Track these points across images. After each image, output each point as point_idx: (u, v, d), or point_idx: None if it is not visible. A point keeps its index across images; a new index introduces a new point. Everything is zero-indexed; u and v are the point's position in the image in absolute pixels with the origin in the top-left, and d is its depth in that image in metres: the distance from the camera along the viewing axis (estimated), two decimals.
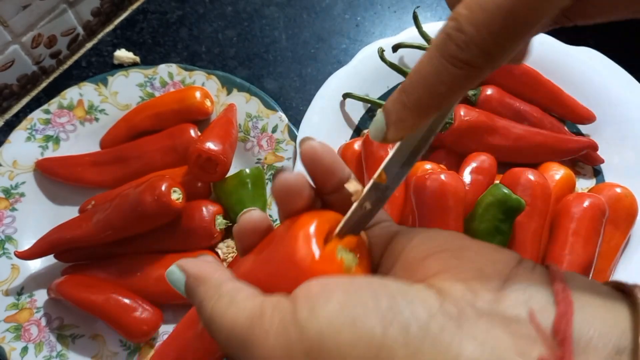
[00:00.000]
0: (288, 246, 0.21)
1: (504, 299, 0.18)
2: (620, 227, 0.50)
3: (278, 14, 0.71)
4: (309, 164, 0.23)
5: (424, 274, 0.19)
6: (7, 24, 0.59)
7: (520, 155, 0.55)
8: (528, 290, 0.18)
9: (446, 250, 0.20)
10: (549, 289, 0.18)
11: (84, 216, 0.53)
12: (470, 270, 0.19)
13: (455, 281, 0.18)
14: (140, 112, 0.60)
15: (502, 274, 0.18)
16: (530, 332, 0.16)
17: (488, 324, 0.17)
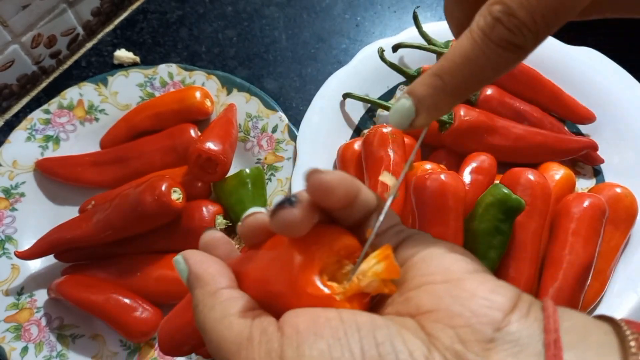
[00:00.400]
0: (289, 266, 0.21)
1: (494, 353, 0.17)
2: (620, 227, 0.50)
3: (278, 14, 0.71)
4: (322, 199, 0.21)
5: (416, 307, 0.19)
6: (7, 24, 0.59)
7: (520, 155, 0.55)
8: (519, 344, 0.17)
9: (443, 282, 0.19)
10: (541, 341, 0.17)
11: (84, 216, 0.53)
12: (462, 316, 0.18)
13: (445, 326, 0.18)
14: (140, 112, 0.60)
15: (496, 321, 0.18)
16: None
17: None
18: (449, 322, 0.18)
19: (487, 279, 0.19)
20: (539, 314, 0.18)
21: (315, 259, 0.21)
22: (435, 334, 0.18)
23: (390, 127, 0.52)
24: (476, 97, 0.56)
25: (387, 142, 0.52)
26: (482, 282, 0.19)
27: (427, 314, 0.19)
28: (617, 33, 0.66)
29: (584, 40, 0.63)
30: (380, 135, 0.52)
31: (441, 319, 0.18)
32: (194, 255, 0.24)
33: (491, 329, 0.18)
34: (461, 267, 0.20)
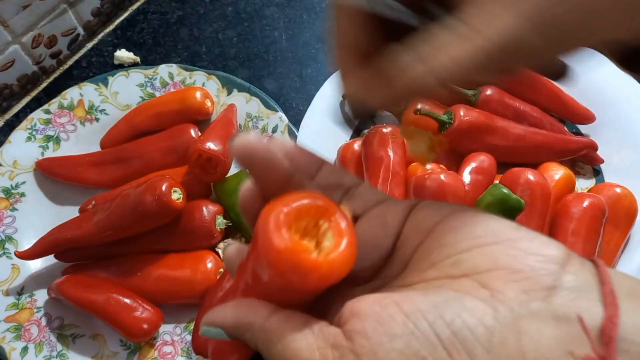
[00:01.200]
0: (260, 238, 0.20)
1: (555, 299, 0.18)
2: (620, 227, 0.51)
3: (278, 15, 0.71)
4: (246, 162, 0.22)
5: (471, 268, 0.19)
6: (7, 24, 0.59)
7: (519, 155, 0.55)
8: (577, 290, 0.18)
9: (494, 243, 0.20)
10: (597, 289, 0.18)
11: (84, 216, 0.53)
12: (523, 271, 0.19)
13: (508, 281, 0.19)
14: (140, 112, 0.60)
15: (554, 272, 0.19)
16: (579, 332, 0.18)
17: (542, 325, 0.18)
18: (510, 277, 0.19)
19: (534, 235, 0.20)
20: (592, 268, 0.19)
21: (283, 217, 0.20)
22: (499, 289, 0.18)
23: (390, 128, 0.52)
24: (476, 97, 0.56)
25: (387, 142, 0.52)
26: (532, 239, 0.20)
27: (485, 273, 0.19)
28: None
29: None
30: (380, 135, 0.52)
31: (501, 276, 0.19)
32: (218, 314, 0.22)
33: (551, 279, 0.18)
34: (505, 226, 0.20)
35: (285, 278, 0.20)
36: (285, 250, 0.19)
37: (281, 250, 0.19)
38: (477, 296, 0.19)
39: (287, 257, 0.19)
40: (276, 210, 0.20)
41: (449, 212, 0.21)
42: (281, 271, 0.20)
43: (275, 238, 0.20)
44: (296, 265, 0.19)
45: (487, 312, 0.18)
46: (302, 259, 0.19)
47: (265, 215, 0.20)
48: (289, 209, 0.20)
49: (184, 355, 0.50)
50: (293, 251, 0.19)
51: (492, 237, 0.20)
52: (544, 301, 0.18)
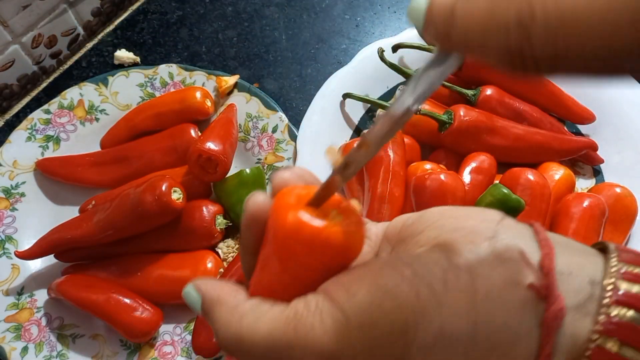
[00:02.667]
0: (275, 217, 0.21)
1: (498, 244, 0.21)
2: (620, 227, 0.51)
3: (278, 15, 0.71)
4: None
5: (424, 241, 0.22)
6: (7, 24, 0.59)
7: (519, 155, 0.55)
8: (516, 236, 0.21)
9: (440, 219, 0.22)
10: (533, 237, 0.21)
11: (84, 216, 0.53)
12: (465, 228, 0.21)
13: (455, 238, 0.21)
14: (140, 112, 0.60)
15: (491, 227, 0.21)
16: (522, 267, 0.20)
17: (489, 265, 0.20)
18: (455, 235, 0.21)
19: (474, 207, 0.23)
20: (526, 225, 0.22)
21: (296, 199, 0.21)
22: (448, 243, 0.21)
23: None
24: (476, 97, 0.56)
25: None
26: (471, 209, 0.23)
27: (435, 238, 0.21)
28: None
29: None
30: None
31: (449, 236, 0.21)
32: (205, 282, 0.23)
33: (490, 232, 0.21)
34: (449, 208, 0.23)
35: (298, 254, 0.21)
36: (300, 222, 0.20)
37: (296, 222, 0.20)
38: (432, 251, 0.21)
39: (302, 228, 0.20)
40: (293, 192, 0.22)
41: (405, 217, 0.24)
42: (293, 243, 0.20)
43: (291, 213, 0.21)
44: (309, 237, 0.20)
45: (441, 257, 0.20)
46: (315, 229, 0.20)
47: (282, 195, 0.22)
48: (304, 192, 0.22)
49: (184, 355, 0.50)
50: (306, 224, 0.20)
51: (439, 216, 0.23)
52: (488, 247, 0.20)
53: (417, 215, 0.24)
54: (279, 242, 0.21)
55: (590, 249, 0.22)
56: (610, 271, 0.20)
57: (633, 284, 0.19)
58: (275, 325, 0.20)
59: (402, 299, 0.19)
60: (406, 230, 0.23)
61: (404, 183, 0.51)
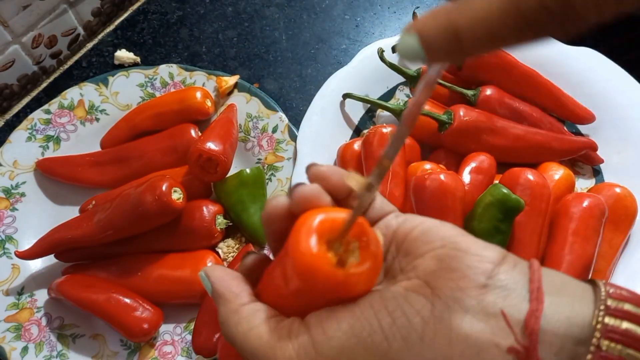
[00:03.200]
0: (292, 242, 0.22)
1: (487, 296, 0.20)
2: (619, 227, 0.51)
3: (278, 15, 0.71)
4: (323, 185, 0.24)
5: (423, 271, 0.22)
6: (8, 24, 0.59)
7: (519, 155, 0.55)
8: (507, 289, 0.21)
9: (442, 247, 0.22)
10: (526, 288, 0.21)
11: (84, 216, 0.53)
12: (459, 270, 0.21)
13: (447, 280, 0.21)
14: (140, 112, 0.60)
15: (487, 271, 0.21)
16: (506, 327, 0.20)
17: (472, 320, 0.20)
18: (449, 276, 0.21)
19: (476, 241, 0.23)
20: (525, 268, 0.22)
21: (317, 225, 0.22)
22: (438, 287, 0.21)
23: (389, 128, 0.53)
24: (475, 97, 0.56)
25: (386, 142, 0.52)
26: (474, 242, 0.22)
27: (431, 273, 0.22)
28: (616, 33, 0.66)
29: (583, 40, 0.63)
30: (380, 135, 0.52)
31: (443, 275, 0.21)
32: (215, 271, 0.25)
33: (484, 277, 0.21)
34: (454, 232, 0.23)
35: (304, 282, 0.22)
36: (310, 255, 0.21)
37: (306, 254, 0.21)
38: (421, 293, 0.21)
39: (310, 262, 0.21)
40: (312, 218, 0.22)
41: (419, 224, 0.24)
42: (301, 274, 0.21)
43: (304, 242, 0.21)
44: (315, 271, 0.21)
45: (425, 306, 0.20)
46: (323, 266, 0.21)
47: (302, 221, 0.22)
48: (325, 219, 0.22)
49: (184, 355, 0.51)
50: (316, 258, 0.21)
51: (441, 241, 0.22)
52: (476, 298, 0.20)
53: (422, 229, 0.23)
54: (294, 268, 0.22)
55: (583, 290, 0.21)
56: (596, 328, 0.19)
57: (616, 343, 0.19)
58: (261, 343, 0.22)
59: (373, 350, 0.20)
60: (410, 244, 0.23)
61: (403, 183, 0.51)
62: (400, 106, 0.57)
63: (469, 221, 0.47)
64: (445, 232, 0.23)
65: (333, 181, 0.24)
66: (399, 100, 0.61)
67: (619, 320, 0.19)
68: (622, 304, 0.20)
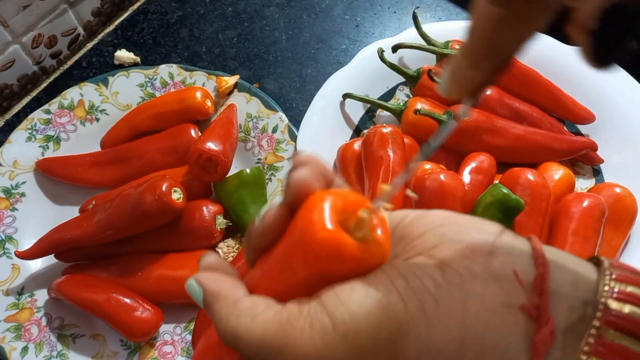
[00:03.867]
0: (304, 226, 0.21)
1: (494, 261, 0.21)
2: (620, 227, 0.51)
3: (278, 15, 0.71)
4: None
5: (424, 247, 0.22)
6: (8, 24, 0.59)
7: (519, 155, 0.55)
8: (512, 254, 0.21)
9: (441, 225, 0.23)
10: (529, 253, 0.21)
11: (84, 216, 0.53)
12: (463, 241, 0.21)
13: (453, 251, 0.21)
14: (140, 112, 0.60)
15: (490, 240, 0.21)
16: (516, 287, 0.20)
17: (483, 283, 0.20)
18: (454, 247, 0.21)
19: (474, 217, 0.23)
20: (525, 240, 0.22)
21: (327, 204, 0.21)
22: (445, 257, 0.21)
23: (390, 128, 0.53)
24: None
25: (386, 142, 0.52)
26: (471, 219, 0.23)
27: (433, 248, 0.22)
28: None
29: None
30: (380, 135, 0.52)
31: (447, 247, 0.21)
32: (206, 275, 0.24)
33: (489, 246, 0.21)
34: (450, 213, 0.24)
35: (324, 263, 0.21)
36: (330, 232, 0.20)
37: (327, 233, 0.20)
38: (429, 262, 0.21)
39: (332, 238, 0.20)
40: (322, 199, 0.21)
41: (405, 214, 0.24)
42: (321, 254, 0.21)
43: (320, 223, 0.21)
44: (338, 248, 0.20)
45: (436, 271, 0.21)
46: (345, 242, 0.20)
47: (312, 204, 0.21)
48: (335, 199, 0.22)
49: (184, 355, 0.51)
50: (336, 234, 0.20)
51: (440, 220, 0.23)
52: (484, 265, 0.21)
53: (415, 215, 0.24)
54: (311, 252, 0.21)
55: (585, 263, 0.22)
56: (603, 290, 0.20)
57: (624, 304, 0.19)
58: (269, 327, 0.21)
59: (390, 311, 0.20)
60: (404, 230, 0.23)
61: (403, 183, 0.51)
62: (400, 106, 0.57)
63: None
64: (441, 213, 0.23)
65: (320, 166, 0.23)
66: (399, 100, 0.61)
67: (624, 284, 0.20)
68: (626, 272, 0.21)
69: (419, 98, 0.57)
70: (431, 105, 0.57)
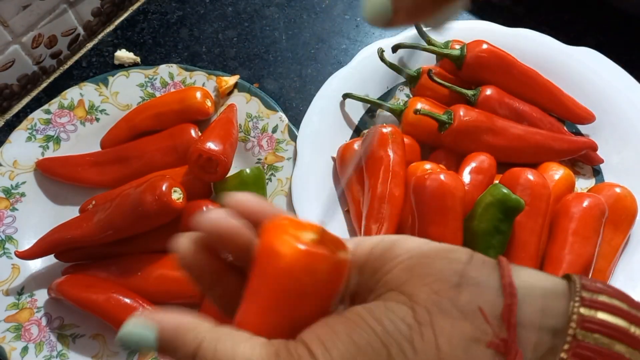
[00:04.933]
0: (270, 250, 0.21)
1: (462, 295, 0.21)
2: (620, 227, 0.51)
3: (278, 15, 0.71)
4: None
5: (394, 283, 0.22)
6: (8, 24, 0.59)
7: (519, 155, 0.55)
8: (480, 284, 0.21)
9: (409, 258, 0.22)
10: (498, 282, 0.21)
11: (84, 216, 0.53)
12: (431, 274, 0.21)
13: (421, 285, 0.21)
14: (140, 112, 0.60)
15: (458, 270, 0.21)
16: (483, 323, 0.20)
17: (452, 320, 0.20)
18: (422, 281, 0.21)
19: (441, 244, 0.23)
20: (494, 264, 0.22)
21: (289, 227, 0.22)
22: (415, 294, 0.21)
23: (390, 128, 0.53)
24: (475, 97, 0.56)
25: (386, 142, 0.52)
26: (439, 248, 0.23)
27: (403, 284, 0.22)
28: (617, 33, 0.66)
29: (583, 40, 0.63)
30: (380, 135, 0.52)
31: (416, 282, 0.21)
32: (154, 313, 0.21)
33: (456, 277, 0.21)
34: (418, 243, 0.23)
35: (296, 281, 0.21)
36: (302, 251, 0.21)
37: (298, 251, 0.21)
38: (399, 301, 0.21)
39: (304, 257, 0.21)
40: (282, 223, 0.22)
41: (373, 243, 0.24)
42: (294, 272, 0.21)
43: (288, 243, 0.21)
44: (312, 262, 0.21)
45: (408, 313, 0.21)
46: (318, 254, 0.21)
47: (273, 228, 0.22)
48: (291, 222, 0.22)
49: None
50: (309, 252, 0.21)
51: (407, 253, 0.23)
52: (452, 299, 0.21)
53: (384, 246, 0.23)
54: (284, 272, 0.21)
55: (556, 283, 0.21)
56: (572, 318, 0.20)
57: (592, 333, 0.19)
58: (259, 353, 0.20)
59: (374, 357, 0.20)
60: (375, 262, 0.23)
61: (404, 183, 0.51)
62: (400, 106, 0.57)
63: (469, 221, 0.47)
64: (409, 244, 0.23)
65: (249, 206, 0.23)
66: (399, 100, 0.61)
67: (593, 310, 0.20)
68: (597, 295, 0.20)
69: (419, 98, 0.57)
70: (431, 105, 0.57)
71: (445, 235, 0.46)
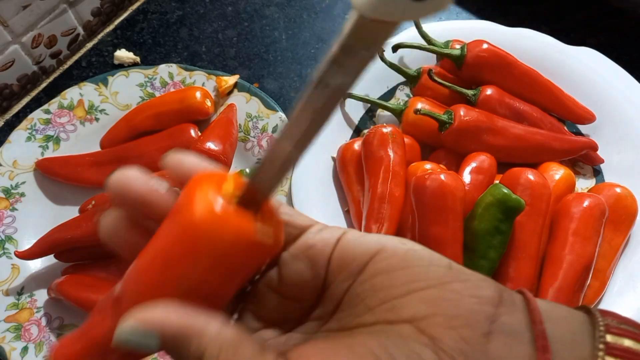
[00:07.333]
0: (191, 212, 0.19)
1: (492, 345, 0.19)
2: (620, 227, 0.51)
3: (278, 14, 0.71)
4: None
5: (410, 314, 0.20)
6: (7, 24, 0.59)
7: (519, 155, 0.55)
8: (511, 334, 0.19)
9: (430, 287, 0.20)
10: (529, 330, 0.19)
11: (84, 216, 0.53)
12: (460, 317, 0.19)
13: (447, 328, 0.19)
14: (140, 112, 0.60)
15: (488, 314, 0.19)
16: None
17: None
18: (448, 324, 0.19)
19: (466, 275, 0.20)
20: (522, 304, 0.20)
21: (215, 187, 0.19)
22: (439, 337, 0.19)
23: (390, 128, 0.52)
24: (476, 97, 0.56)
25: (387, 142, 0.52)
26: (465, 281, 0.20)
27: (424, 319, 0.19)
28: (617, 33, 0.66)
29: (583, 40, 0.63)
30: (380, 135, 0.52)
31: (441, 322, 0.19)
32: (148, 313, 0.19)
33: (487, 323, 0.19)
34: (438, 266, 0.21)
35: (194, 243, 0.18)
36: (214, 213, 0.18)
37: (208, 211, 0.18)
38: (420, 341, 0.19)
39: (212, 219, 0.18)
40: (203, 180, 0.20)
41: (377, 250, 0.21)
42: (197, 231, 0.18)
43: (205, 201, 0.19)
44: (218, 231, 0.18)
45: (431, 356, 0.18)
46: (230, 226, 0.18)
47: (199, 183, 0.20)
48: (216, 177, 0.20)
49: None
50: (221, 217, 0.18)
51: (426, 280, 0.20)
52: (481, 349, 0.19)
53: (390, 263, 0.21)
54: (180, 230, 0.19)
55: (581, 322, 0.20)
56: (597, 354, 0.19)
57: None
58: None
59: None
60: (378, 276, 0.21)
61: (404, 183, 0.51)
62: (400, 106, 0.57)
63: (469, 221, 0.47)
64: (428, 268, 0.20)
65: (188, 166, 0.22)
66: (399, 100, 0.61)
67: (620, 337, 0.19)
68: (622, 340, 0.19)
69: (419, 98, 0.57)
70: (431, 105, 0.57)
71: (445, 235, 0.45)
